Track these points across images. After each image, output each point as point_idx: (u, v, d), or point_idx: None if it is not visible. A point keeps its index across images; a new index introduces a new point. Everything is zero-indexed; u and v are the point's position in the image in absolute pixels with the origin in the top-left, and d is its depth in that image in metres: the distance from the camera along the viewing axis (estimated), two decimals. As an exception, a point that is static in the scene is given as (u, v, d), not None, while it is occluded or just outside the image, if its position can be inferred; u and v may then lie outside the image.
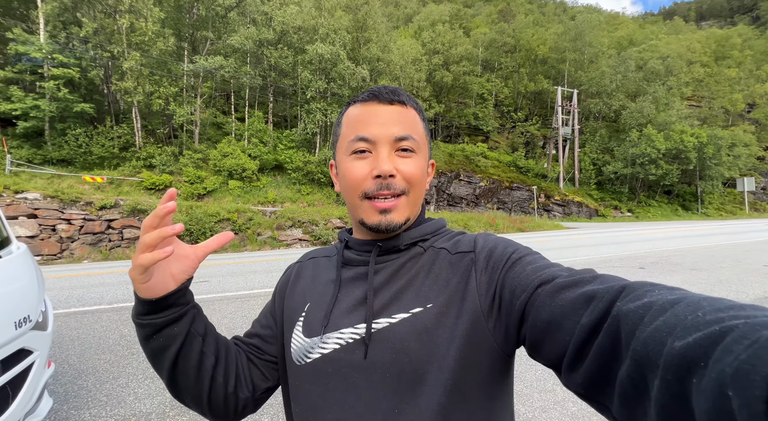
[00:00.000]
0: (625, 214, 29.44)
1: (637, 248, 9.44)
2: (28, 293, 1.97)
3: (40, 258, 9.48)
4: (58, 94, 13.95)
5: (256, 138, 19.39)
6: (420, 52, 26.36)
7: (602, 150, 32.03)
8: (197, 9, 18.28)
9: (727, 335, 0.23)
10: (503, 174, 28.20)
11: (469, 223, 17.07)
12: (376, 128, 0.53)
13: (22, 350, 1.86)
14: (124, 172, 14.66)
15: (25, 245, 2.23)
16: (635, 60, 33.27)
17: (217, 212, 11.71)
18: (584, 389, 0.34)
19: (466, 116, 31.54)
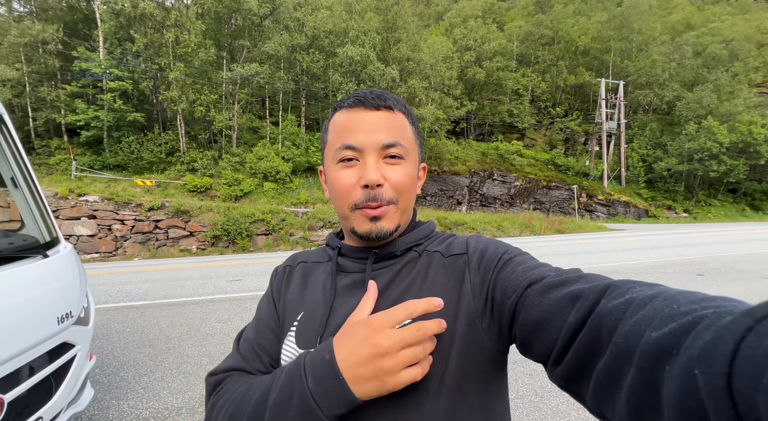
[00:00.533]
0: (681, 214, 26.86)
1: (695, 253, 8.53)
2: (70, 290, 2.07)
3: (98, 255, 10.39)
4: (115, 105, 15.32)
5: (289, 141, 20.02)
6: (451, 50, 25.83)
7: (653, 145, 29.46)
8: (235, 19, 19.24)
9: (698, 323, 0.24)
10: (540, 173, 26.87)
11: (503, 224, 16.39)
12: (362, 136, 0.51)
13: (64, 344, 1.96)
14: (170, 175, 15.75)
15: (70, 245, 2.37)
16: (692, 45, 30.29)
17: (252, 212, 12.19)
18: (564, 381, 0.37)
19: (500, 113, 30.43)
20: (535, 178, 26.37)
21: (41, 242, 2.17)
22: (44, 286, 1.89)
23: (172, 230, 11.34)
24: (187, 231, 11.46)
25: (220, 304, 4.92)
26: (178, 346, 3.55)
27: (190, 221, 11.52)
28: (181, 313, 4.58)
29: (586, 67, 32.96)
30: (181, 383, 2.86)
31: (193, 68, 17.49)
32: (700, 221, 25.22)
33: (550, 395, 2.54)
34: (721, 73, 28.91)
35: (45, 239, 2.22)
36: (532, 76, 32.65)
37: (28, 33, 14.78)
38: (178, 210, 11.41)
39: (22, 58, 15.13)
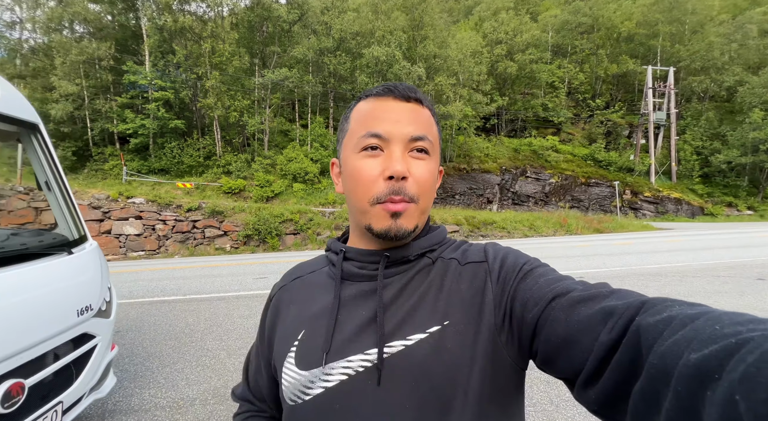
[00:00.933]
0: (744, 212, 24.10)
1: (756, 255, 7.60)
2: (91, 285, 2.22)
3: (143, 253, 11.24)
4: (158, 113, 16.57)
5: (318, 142, 20.49)
6: (480, 44, 25.10)
7: (710, 136, 26.68)
8: (266, 27, 20.01)
9: (743, 346, 0.22)
10: (578, 169, 25.36)
11: (536, 223, 15.64)
12: (390, 125, 0.48)
13: (84, 335, 2.10)
14: (207, 178, 16.72)
15: (96, 243, 2.54)
16: (758, 23, 27.09)
17: (282, 213, 12.60)
18: (598, 405, 0.33)
19: (534, 108, 29.09)
20: (572, 174, 24.93)
21: (69, 240, 2.34)
22: (66, 280, 2.04)
23: (208, 229, 12.01)
24: (222, 231, 12.08)
25: (244, 300, 5.12)
26: (201, 339, 3.73)
27: (225, 221, 12.13)
28: (207, 308, 4.82)
29: (629, 54, 30.61)
30: (198, 375, 2.99)
31: (228, 76, 18.44)
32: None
33: (567, 405, 2.36)
34: (793, 52, 25.59)
35: (73, 236, 2.39)
36: (569, 67, 30.86)
37: (86, 51, 16.36)
38: (213, 211, 12.06)
39: (81, 74, 16.80)
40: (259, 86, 18.87)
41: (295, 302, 0.56)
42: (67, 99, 16.32)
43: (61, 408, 1.88)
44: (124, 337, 3.82)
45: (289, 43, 20.70)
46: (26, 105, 2.31)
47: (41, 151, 2.37)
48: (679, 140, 27.33)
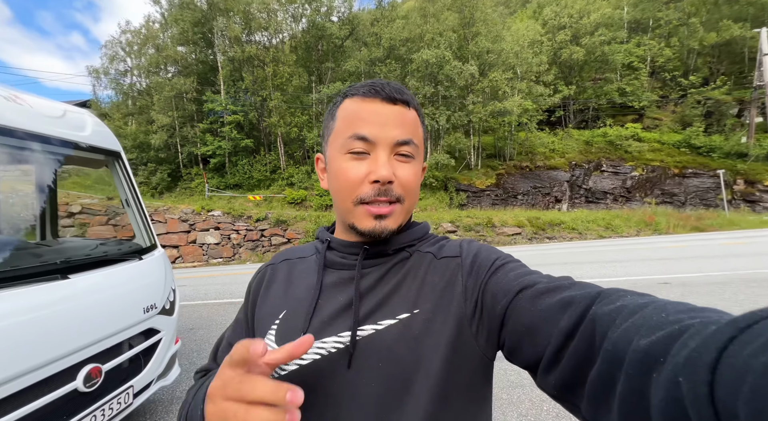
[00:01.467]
0: None
1: None
2: (156, 286, 2.55)
3: (221, 260, 12.66)
4: (232, 135, 18.67)
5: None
6: (539, 33, 23.36)
7: None
8: (321, 45, 21.31)
9: (684, 332, 0.25)
10: (669, 158, 21.90)
11: (613, 222, 13.86)
12: (377, 128, 0.49)
13: (151, 329, 2.43)
14: (273, 190, 18.24)
15: (163, 250, 2.93)
16: None
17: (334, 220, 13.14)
18: (557, 390, 0.36)
19: (608, 94, 25.99)
20: (661, 165, 21.61)
21: (142, 247, 2.73)
22: (135, 282, 2.38)
23: (274, 237, 13.06)
24: (286, 238, 13.04)
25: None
26: (256, 338, 4.04)
27: (288, 229, 13.08)
28: (266, 309, 5.22)
29: (733, 18, 25.65)
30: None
31: (288, 95, 20.03)
32: None
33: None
34: None
35: (145, 245, 2.78)
36: (651, 44, 26.95)
37: (176, 87, 19.25)
38: (278, 220, 13.10)
39: (172, 107, 19.79)
40: (316, 101, 20.11)
41: (280, 283, 0.59)
42: (163, 129, 19.36)
43: (132, 391, 2.18)
44: (195, 333, 4.32)
45: (342, 57, 21.72)
46: (112, 137, 2.78)
47: (122, 174, 2.82)
48: (813, 114, 21.93)
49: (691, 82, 25.82)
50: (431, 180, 18.42)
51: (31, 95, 2.36)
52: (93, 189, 12.90)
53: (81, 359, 1.84)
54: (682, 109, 25.31)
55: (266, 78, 19.30)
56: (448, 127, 19.52)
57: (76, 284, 1.97)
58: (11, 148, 2.01)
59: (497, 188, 20.34)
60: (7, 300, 1.59)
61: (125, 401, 2.12)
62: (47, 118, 2.25)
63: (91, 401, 1.85)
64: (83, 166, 2.86)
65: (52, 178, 2.73)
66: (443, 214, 14.36)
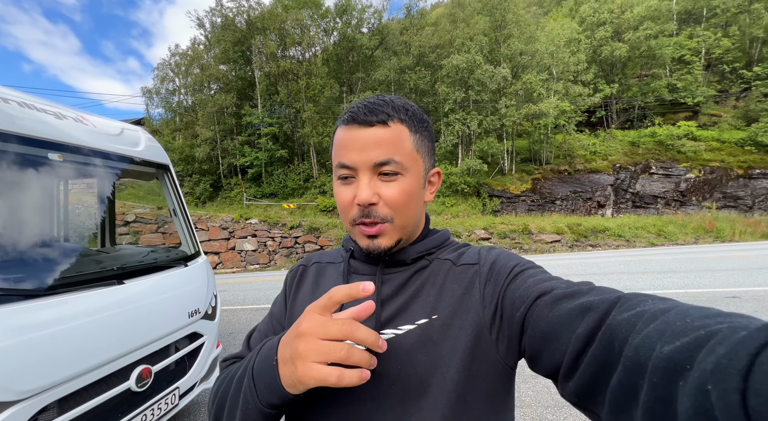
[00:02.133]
0: None
1: None
2: (199, 292, 2.68)
3: (258, 266, 13.17)
4: (268, 146, 19.59)
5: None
6: (576, 31, 22.35)
7: None
8: (352, 57, 21.87)
9: (711, 338, 0.23)
10: (731, 158, 19.87)
11: (666, 228, 12.75)
12: (355, 154, 0.52)
13: (195, 333, 2.54)
14: (307, 199, 18.79)
15: (205, 257, 3.08)
16: None
17: (369, 226, 13.22)
18: (577, 397, 0.35)
19: (656, 91, 24.17)
20: (721, 165, 19.65)
21: (187, 254, 2.88)
22: (181, 287, 2.51)
23: (308, 244, 13.39)
24: (318, 245, 13.32)
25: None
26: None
27: (321, 236, 13.36)
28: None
29: (804, 0, 23.00)
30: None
31: (320, 106, 20.70)
32: None
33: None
34: None
35: (190, 252, 2.94)
36: (707, 35, 24.79)
37: (218, 103, 20.58)
38: (311, 227, 13.43)
39: (215, 122, 21.16)
40: (347, 111, 20.58)
41: (309, 284, 0.63)
42: (206, 142, 20.72)
43: (178, 392, 2.28)
44: (235, 338, 4.48)
45: (372, 67, 22.12)
46: (162, 152, 2.99)
47: (170, 185, 3.02)
48: None
49: (756, 73, 23.27)
50: (463, 186, 18.03)
51: (94, 115, 2.60)
52: (145, 199, 14.03)
53: (133, 360, 1.95)
54: (746, 104, 22.88)
55: (299, 90, 20.10)
56: (480, 132, 19.10)
57: (130, 290, 2.11)
58: (78, 164, 2.21)
59: (533, 193, 19.49)
60: (72, 304, 1.72)
61: (172, 402, 2.22)
62: (107, 136, 2.47)
63: (142, 401, 1.95)
64: (137, 179, 3.09)
65: (111, 189, 2.97)
66: (476, 220, 13.97)
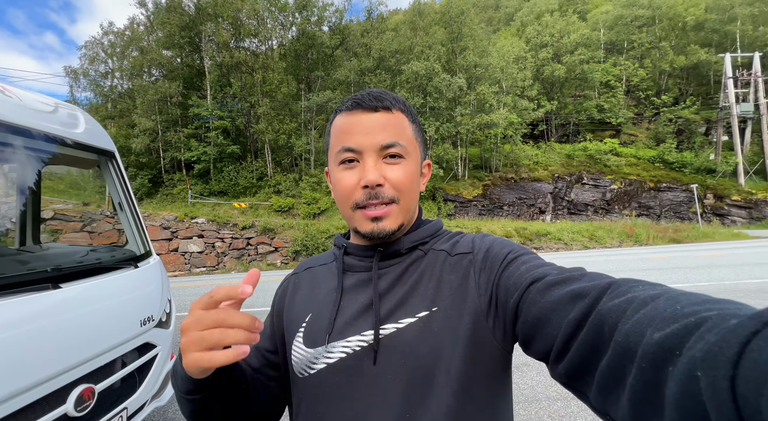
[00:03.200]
0: None
1: None
2: (153, 297, 2.35)
3: (205, 269, 12.17)
4: (218, 140, 18.29)
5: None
6: (523, 50, 24.27)
7: (812, 127, 22.67)
8: (311, 54, 21.36)
9: (701, 325, 0.24)
10: (644, 173, 22.92)
11: (597, 233, 14.27)
12: (361, 137, 0.53)
13: (147, 344, 2.22)
14: (260, 198, 17.88)
15: (158, 258, 2.73)
16: None
17: (328, 228, 12.94)
18: (567, 377, 0.37)
19: (587, 110, 27.13)
20: (637, 179, 22.56)
21: (136, 254, 2.53)
22: (132, 292, 2.18)
23: (261, 246, 12.70)
24: (273, 247, 12.70)
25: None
26: (252, 352, 3.81)
27: (275, 238, 12.75)
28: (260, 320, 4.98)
29: (700, 43, 27.50)
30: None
31: (277, 102, 19.88)
32: None
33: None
34: None
35: (139, 251, 2.58)
36: (627, 64, 28.48)
37: (160, 91, 18.76)
38: (265, 228, 12.76)
39: (156, 111, 19.23)
40: (305, 109, 20.02)
41: (304, 289, 0.62)
42: (145, 133, 18.75)
43: (126, 414, 1.96)
44: (184, 347, 4.04)
45: (332, 66, 21.83)
46: (105, 136, 2.59)
47: (116, 176, 2.63)
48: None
49: (663, 101, 27.39)
50: (420, 190, 18.45)
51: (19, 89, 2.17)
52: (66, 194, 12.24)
53: (72, 379, 1.63)
54: (656, 127, 26.71)
55: (254, 84, 19.12)
56: (437, 138, 19.79)
57: (68, 295, 1.77)
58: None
59: (484, 199, 20.65)
60: (-7, 313, 1.40)
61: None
62: (37, 113, 2.06)
63: (83, 428, 1.64)
64: (73, 166, 2.65)
65: (37, 178, 2.52)
66: (433, 223, 14.36)
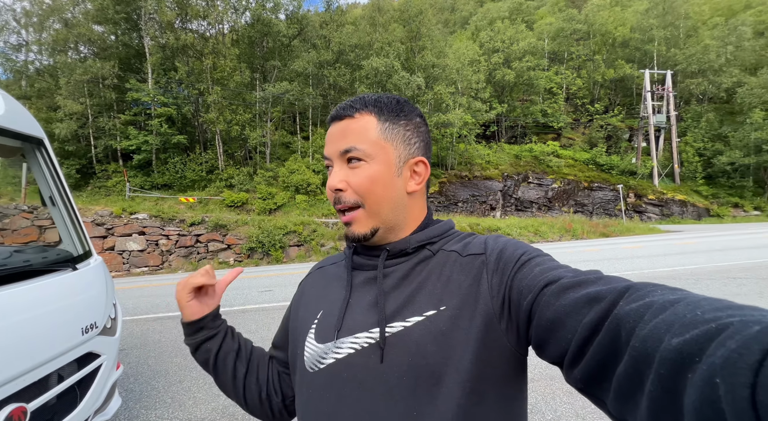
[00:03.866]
0: (751, 213, 23.89)
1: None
2: (96, 301, 2.14)
3: (147, 269, 11.17)
4: (161, 129, 16.74)
5: (319, 154, 20.59)
6: (477, 53, 25.41)
7: (711, 137, 26.66)
8: (266, 42, 20.36)
9: (722, 331, 0.23)
10: (580, 173, 25.30)
11: (541, 228, 15.52)
12: (328, 146, 0.57)
13: (89, 354, 2.01)
14: (210, 192, 16.75)
15: (101, 258, 2.48)
16: (752, 25, 27.40)
17: (285, 225, 12.54)
18: (583, 383, 0.36)
19: (533, 114, 29.24)
20: (574, 179, 24.86)
21: (74, 255, 2.27)
22: (71, 297, 1.96)
23: (212, 243, 11.95)
24: (225, 244, 12.01)
25: (250, 314, 5.01)
26: (207, 356, 3.62)
27: (228, 235, 12.07)
28: (212, 323, 4.71)
29: (626, 59, 30.90)
30: (206, 393, 2.88)
31: (229, 91, 18.69)
32: (776, 219, 22.28)
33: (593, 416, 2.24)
34: (789, 52, 25.83)
35: (77, 252, 2.32)
36: (567, 74, 31.14)
37: (90, 70, 16.65)
38: (216, 224, 12.02)
39: (85, 93, 17.04)
40: (260, 100, 19.09)
41: (316, 287, 0.65)
42: (71, 118, 16.54)
43: (65, 433, 1.78)
44: (128, 355, 3.72)
45: (289, 56, 21.02)
46: (31, 120, 2.28)
47: (46, 166, 2.33)
48: (681, 142, 27.33)
49: (596, 109, 30.46)
50: (379, 186, 18.58)
51: None
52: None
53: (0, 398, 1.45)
54: (590, 132, 29.62)
55: (204, 71, 17.77)
56: (396, 135, 20.01)
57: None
58: None
59: (440, 195, 21.41)
60: None
61: (56, 446, 1.73)
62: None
63: (15, 452, 1.47)
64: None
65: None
66: (392, 219, 14.57)
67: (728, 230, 15.40)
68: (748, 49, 26.95)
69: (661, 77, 28.26)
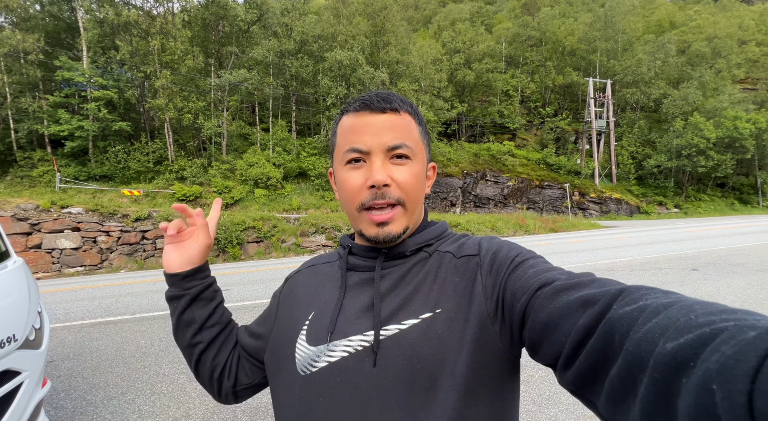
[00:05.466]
0: (672, 210, 27.11)
1: (688, 247, 8.49)
2: (15, 311, 1.87)
3: (82, 268, 10.07)
4: (99, 114, 15.03)
5: (280, 147, 19.83)
6: (440, 52, 25.94)
7: (642, 143, 29.81)
8: (222, 26, 19.09)
9: (717, 336, 0.23)
10: (533, 172, 26.97)
11: (497, 224, 16.33)
12: (369, 138, 0.53)
13: (7, 372, 1.76)
14: (158, 185, 15.45)
15: (21, 260, 2.18)
16: (676, 43, 30.82)
17: (243, 220, 11.95)
18: (575, 385, 0.36)
19: (491, 114, 30.58)
20: (527, 177, 26.44)
21: (-13, 257, 1.97)
22: (-17, 307, 1.70)
23: (160, 240, 11.05)
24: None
25: (204, 316, 4.71)
26: (155, 364, 3.34)
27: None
28: (162, 327, 4.37)
29: (573, 67, 33.32)
30: (153, 405, 2.66)
31: (180, 76, 17.27)
32: (691, 216, 25.49)
33: (549, 404, 2.40)
34: (705, 70, 29.44)
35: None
36: (522, 77, 32.91)
37: (8, 43, 14.46)
38: (166, 219, 11.11)
39: (2, 68, 14.80)
40: (216, 88, 17.90)
41: (307, 286, 0.62)
42: (-16, 96, 14.33)
43: (-22, 463, 1.55)
44: (58, 368, 3.32)
45: (248, 43, 19.92)
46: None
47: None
48: (618, 146, 30.15)
49: (547, 112, 32.60)
50: (342, 181, 18.37)
51: None
52: None
53: None
54: (541, 134, 31.65)
55: (150, 52, 16.23)
56: (360, 130, 19.88)
57: None
58: None
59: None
60: None
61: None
62: None
63: None
64: None
65: None
66: (355, 215, 14.48)
67: (654, 225, 17.33)
68: (672, 65, 30.29)
69: (602, 85, 30.86)
